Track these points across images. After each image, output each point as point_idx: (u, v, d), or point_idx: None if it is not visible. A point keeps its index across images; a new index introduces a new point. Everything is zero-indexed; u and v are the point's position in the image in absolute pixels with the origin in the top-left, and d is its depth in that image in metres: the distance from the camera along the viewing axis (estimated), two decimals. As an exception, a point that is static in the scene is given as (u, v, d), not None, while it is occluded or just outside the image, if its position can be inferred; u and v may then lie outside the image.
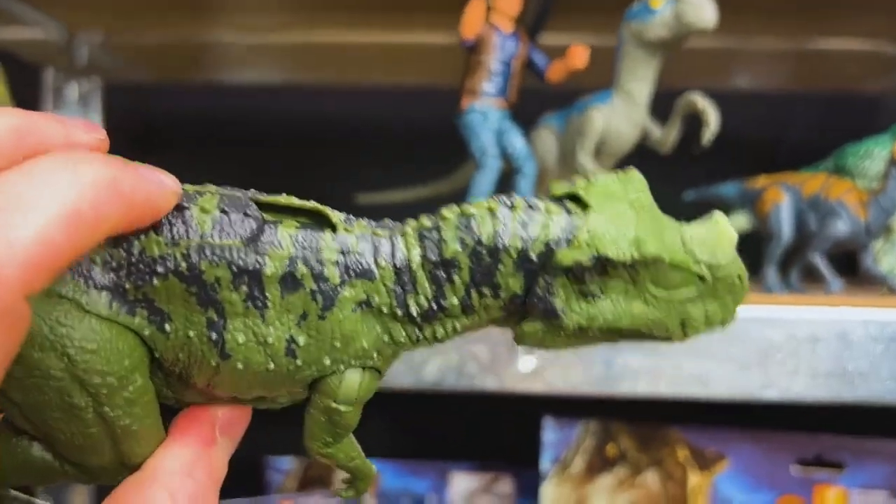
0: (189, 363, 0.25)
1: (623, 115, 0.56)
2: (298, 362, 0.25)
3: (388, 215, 0.29)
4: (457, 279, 0.26)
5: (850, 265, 0.58)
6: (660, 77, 0.56)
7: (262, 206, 0.26)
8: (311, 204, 0.26)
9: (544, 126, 0.62)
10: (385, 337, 0.26)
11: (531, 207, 0.26)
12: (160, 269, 0.24)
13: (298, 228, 0.25)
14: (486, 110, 0.56)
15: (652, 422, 0.70)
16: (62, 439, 0.24)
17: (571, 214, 0.26)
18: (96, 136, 0.23)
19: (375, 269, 0.26)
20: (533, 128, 0.63)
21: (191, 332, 0.25)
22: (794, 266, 0.57)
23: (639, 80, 0.55)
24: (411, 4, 0.67)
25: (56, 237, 0.19)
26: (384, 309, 0.26)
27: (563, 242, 0.25)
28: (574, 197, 0.26)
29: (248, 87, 0.93)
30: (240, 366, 0.25)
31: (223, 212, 0.25)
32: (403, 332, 0.26)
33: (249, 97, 0.94)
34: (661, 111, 0.59)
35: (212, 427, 0.27)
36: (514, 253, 0.25)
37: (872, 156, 0.60)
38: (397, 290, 0.26)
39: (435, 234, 0.26)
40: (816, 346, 0.50)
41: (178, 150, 0.92)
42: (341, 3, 0.70)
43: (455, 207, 0.26)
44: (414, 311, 0.26)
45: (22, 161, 0.21)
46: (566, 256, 0.25)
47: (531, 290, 0.26)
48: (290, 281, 0.25)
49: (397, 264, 0.26)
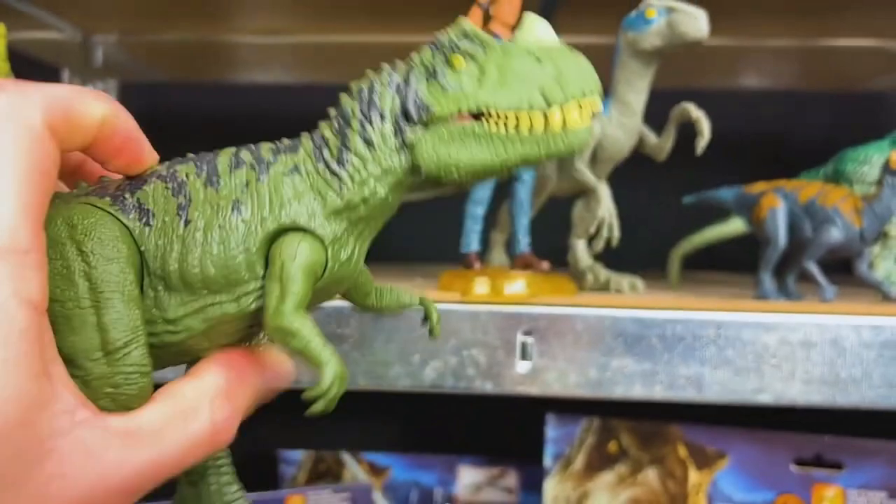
0: (164, 247, 0.30)
1: (619, 124, 0.57)
2: (244, 218, 0.30)
3: (394, 214, 0.33)
4: (353, 122, 0.31)
5: (846, 270, 0.58)
6: (668, 76, 0.57)
7: None
8: None
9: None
10: (315, 195, 0.31)
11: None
12: (150, 178, 0.31)
13: None
14: (485, 119, 0.57)
15: (653, 420, 0.71)
16: (58, 311, 0.29)
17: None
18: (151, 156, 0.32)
19: (300, 145, 0.32)
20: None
21: (166, 218, 0.31)
22: (790, 272, 0.58)
23: (634, 89, 0.56)
24: (419, 4, 0.68)
25: (74, 99, 0.27)
26: (309, 169, 0.31)
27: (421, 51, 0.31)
28: None
29: (261, 86, 0.95)
30: (200, 225, 0.30)
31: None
32: (328, 187, 0.31)
33: (262, 97, 0.95)
34: (668, 111, 0.59)
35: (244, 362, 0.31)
36: (385, 81, 0.31)
37: (871, 162, 0.61)
38: (315, 153, 0.31)
39: (340, 106, 0.32)
40: (810, 352, 0.51)
41: (193, 148, 0.93)
42: (352, 5, 0.71)
43: None
44: (329, 158, 0.31)
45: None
46: (415, 56, 0.31)
47: (406, 100, 0.30)
48: (235, 161, 0.31)
49: (314, 136, 0.32)
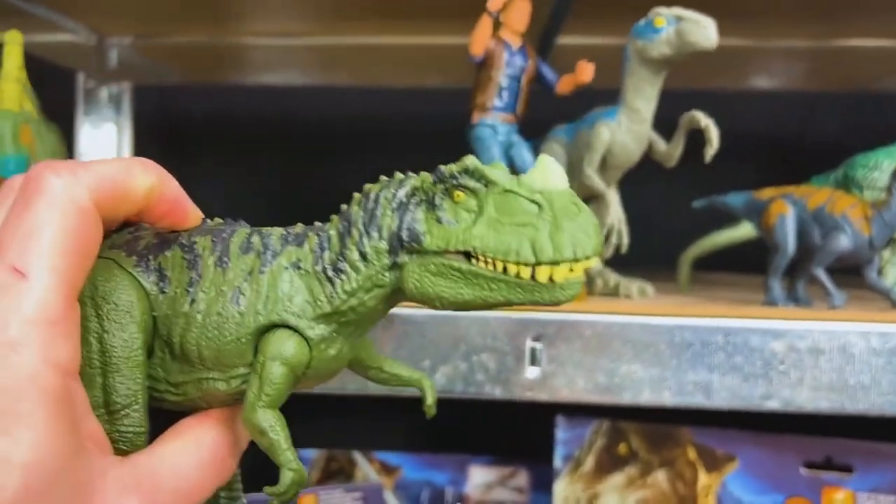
0: (172, 318, 0.32)
1: (629, 131, 0.57)
2: (241, 309, 0.31)
3: None
4: (354, 231, 0.31)
5: (856, 276, 0.58)
6: (679, 77, 0.57)
7: None
8: None
9: (553, 139, 0.63)
10: (308, 296, 0.31)
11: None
12: (172, 244, 0.32)
13: None
14: (494, 124, 0.57)
15: (662, 422, 0.72)
16: None
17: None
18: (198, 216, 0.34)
19: (306, 240, 0.32)
20: (542, 140, 0.64)
21: (178, 289, 0.32)
22: (800, 278, 0.58)
23: (644, 97, 0.56)
24: (431, 7, 0.69)
25: (120, 176, 0.29)
26: (308, 268, 0.31)
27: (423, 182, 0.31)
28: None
29: (274, 89, 0.95)
30: (202, 307, 0.31)
31: (227, 221, 0.34)
32: (321, 290, 0.31)
33: (275, 99, 0.96)
34: (679, 112, 0.59)
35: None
36: (390, 197, 0.31)
37: (881, 167, 0.60)
38: (317, 251, 0.32)
39: (346, 208, 0.32)
40: (819, 359, 0.51)
41: (206, 149, 0.95)
42: (365, 7, 0.71)
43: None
44: (327, 263, 0.31)
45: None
46: (420, 180, 0.31)
47: (402, 224, 0.30)
48: (245, 246, 0.32)
49: (321, 235, 0.32)
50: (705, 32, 0.52)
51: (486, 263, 0.29)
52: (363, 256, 0.31)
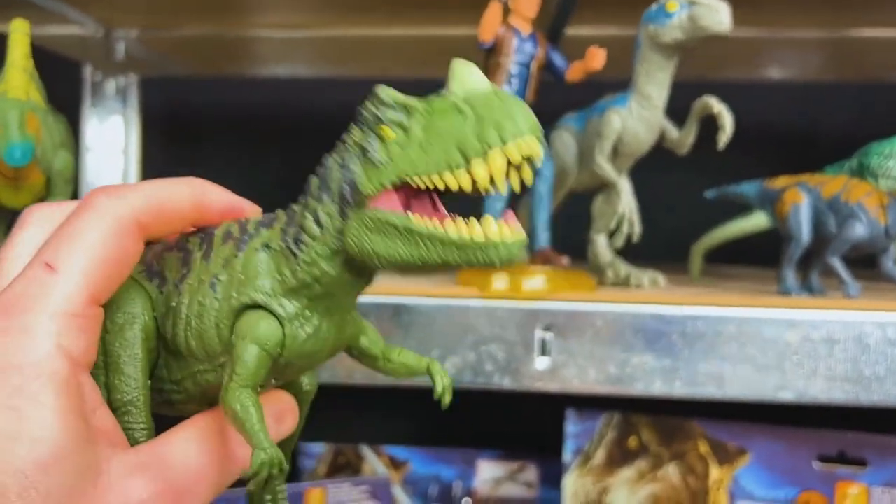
0: (167, 313, 0.32)
1: (640, 118, 0.56)
2: (218, 296, 0.31)
3: None
4: (310, 200, 0.31)
5: (871, 266, 0.57)
6: (693, 67, 0.56)
7: None
8: None
9: (564, 127, 0.62)
10: (276, 273, 0.31)
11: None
12: (174, 246, 0.33)
13: None
14: (504, 112, 0.56)
15: (674, 415, 0.71)
16: None
17: None
18: (255, 209, 0.35)
19: (277, 220, 0.32)
20: (552, 127, 0.63)
21: (171, 286, 0.32)
22: (814, 268, 0.57)
23: (655, 83, 0.56)
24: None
25: (165, 196, 0.31)
26: (275, 246, 0.31)
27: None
28: None
29: (281, 81, 0.95)
30: (185, 299, 0.32)
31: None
32: (286, 265, 0.31)
33: (283, 91, 0.95)
34: (692, 103, 0.59)
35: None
36: (337, 158, 0.30)
37: (896, 155, 0.59)
38: (285, 228, 0.31)
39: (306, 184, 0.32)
40: (833, 349, 0.50)
41: (213, 142, 0.94)
42: (371, -2, 0.71)
43: None
44: (290, 237, 0.31)
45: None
46: (352, 131, 0.30)
47: (346, 177, 0.30)
48: (226, 236, 0.32)
49: (288, 211, 0.32)
50: (718, 17, 0.51)
51: (421, 220, 0.28)
52: (318, 223, 0.30)
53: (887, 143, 0.60)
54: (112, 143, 0.89)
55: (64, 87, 0.86)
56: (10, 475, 0.26)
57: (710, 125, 0.58)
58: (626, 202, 0.58)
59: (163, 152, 0.92)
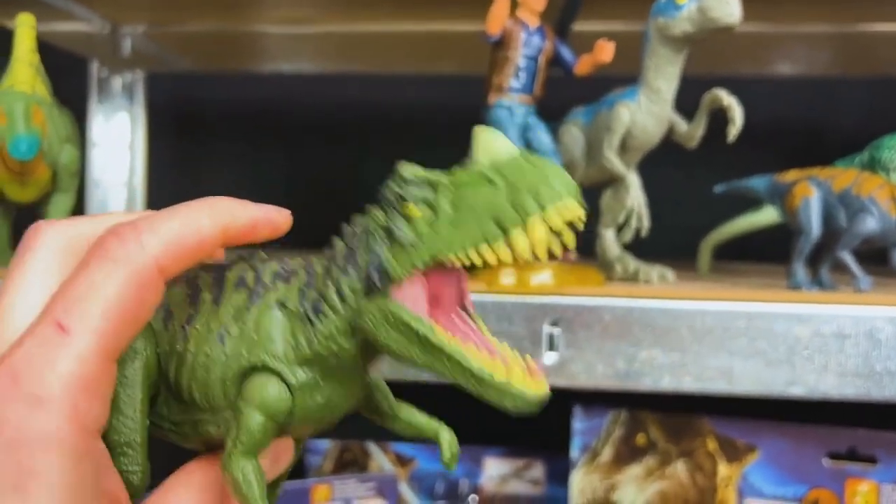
0: (169, 355, 0.31)
1: (649, 112, 0.56)
2: (226, 350, 0.29)
3: None
4: (334, 268, 0.29)
5: (883, 261, 0.57)
6: (702, 63, 0.55)
7: None
8: None
9: (572, 121, 0.62)
10: (291, 338, 0.29)
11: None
12: (181, 279, 0.31)
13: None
14: (511, 106, 0.56)
15: (682, 412, 0.70)
16: None
17: None
18: (284, 214, 0.31)
19: (295, 276, 0.30)
20: (560, 121, 0.63)
21: (176, 325, 0.30)
22: (824, 262, 0.56)
23: (664, 76, 0.55)
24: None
25: (186, 237, 0.28)
26: (292, 307, 0.29)
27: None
28: None
29: (288, 76, 0.95)
30: (191, 348, 0.30)
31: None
32: (303, 332, 0.29)
33: (288, 86, 0.95)
34: (701, 98, 0.58)
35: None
36: (367, 230, 0.28)
37: (908, 149, 0.59)
38: (304, 289, 0.29)
39: (331, 246, 0.30)
40: (844, 344, 0.50)
41: (220, 138, 0.94)
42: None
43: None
44: (309, 302, 0.29)
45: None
46: (372, 212, 0.28)
47: (371, 265, 0.28)
48: (240, 282, 0.30)
49: (309, 270, 0.30)
50: (728, 8, 0.51)
51: (445, 337, 0.27)
52: (341, 297, 0.28)
53: (898, 136, 0.60)
54: (118, 140, 0.89)
55: (70, 84, 0.86)
56: None
57: (719, 120, 0.57)
58: (635, 196, 0.58)
59: (169, 148, 0.92)
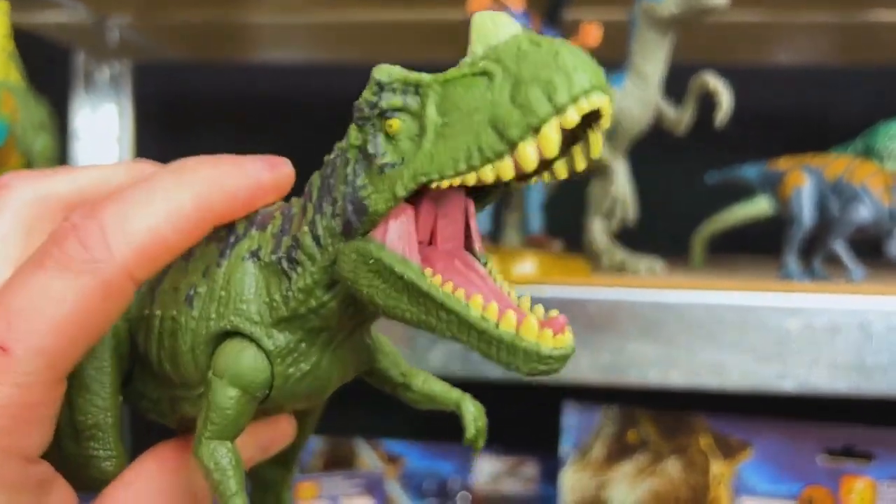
0: (139, 319, 0.26)
1: (635, 97, 0.55)
2: (194, 313, 0.25)
3: None
4: (309, 206, 0.24)
5: (877, 252, 0.55)
6: (702, 52, 0.54)
7: None
8: None
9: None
10: (265, 295, 0.24)
11: None
12: None
13: None
14: (494, 92, 0.55)
15: (674, 408, 0.69)
16: None
17: None
18: (281, 172, 0.26)
19: (270, 221, 0.25)
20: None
21: (144, 288, 0.26)
22: (817, 253, 0.55)
23: (651, 60, 0.54)
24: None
25: (163, 231, 0.23)
26: (265, 257, 0.25)
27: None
28: None
29: (278, 66, 0.93)
30: (157, 312, 0.26)
31: None
32: (278, 287, 0.24)
33: (278, 77, 0.94)
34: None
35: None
36: (340, 162, 0.24)
37: (904, 136, 0.57)
38: (278, 235, 0.25)
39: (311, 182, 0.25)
40: (836, 337, 0.48)
41: (209, 129, 0.93)
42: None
43: None
44: (283, 251, 0.24)
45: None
46: (348, 133, 0.24)
47: (347, 197, 0.23)
48: (210, 233, 0.25)
49: (285, 212, 0.25)
50: (715, -10, 0.49)
51: (442, 287, 0.21)
52: (317, 241, 0.23)
53: (894, 123, 0.58)
54: (105, 132, 0.87)
55: (56, 75, 0.85)
56: None
57: (715, 110, 0.56)
58: (621, 185, 0.56)
59: (157, 140, 0.90)
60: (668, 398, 0.67)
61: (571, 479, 0.69)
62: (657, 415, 0.69)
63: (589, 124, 0.20)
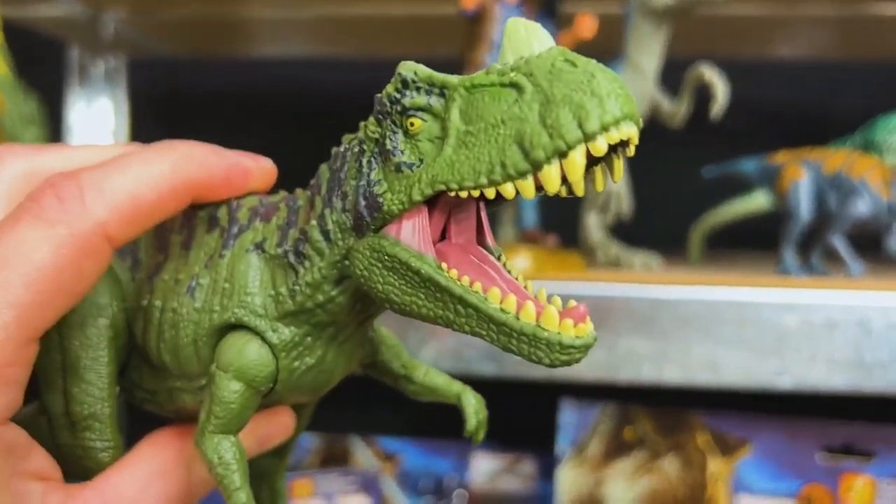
0: (135, 313, 0.26)
1: (631, 89, 0.54)
2: (196, 304, 0.25)
3: None
4: (317, 200, 0.24)
5: (876, 248, 0.54)
6: (705, 47, 0.53)
7: None
8: None
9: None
10: (271, 288, 0.24)
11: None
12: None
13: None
14: (487, 84, 0.54)
15: (671, 405, 0.68)
16: (42, 364, 0.25)
17: None
18: (264, 162, 0.27)
19: (275, 213, 0.25)
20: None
21: (143, 275, 0.26)
22: (815, 248, 0.54)
23: (647, 52, 0.53)
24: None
25: (141, 194, 0.23)
26: (271, 249, 0.24)
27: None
28: None
29: (272, 60, 0.93)
30: (158, 303, 0.25)
31: None
32: (284, 280, 0.24)
33: (275, 71, 0.93)
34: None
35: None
36: (352, 154, 0.23)
37: (903, 130, 0.56)
38: (284, 227, 0.25)
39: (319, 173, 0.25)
40: (834, 333, 0.47)
41: (204, 124, 0.92)
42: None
43: None
44: (290, 244, 0.24)
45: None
46: (364, 126, 0.23)
47: (358, 193, 0.22)
48: (211, 221, 0.25)
49: (290, 206, 0.25)
50: (710, -20, 0.49)
51: (458, 281, 0.21)
52: (325, 235, 0.23)
53: (894, 117, 0.57)
54: (100, 127, 0.87)
55: (50, 69, 0.85)
56: None
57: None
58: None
59: (152, 136, 0.89)
60: (666, 395, 0.66)
61: (568, 477, 0.68)
62: (654, 412, 0.68)
63: (614, 148, 0.20)
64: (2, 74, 0.57)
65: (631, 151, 0.20)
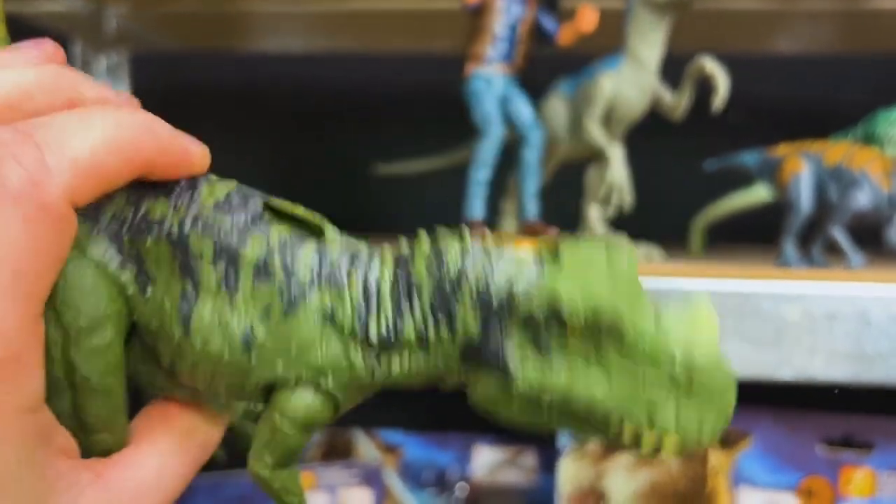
0: (158, 333, 0.25)
1: (632, 81, 0.54)
2: (252, 360, 0.25)
3: (410, 185, 0.27)
4: (417, 306, 0.24)
5: (877, 240, 0.55)
6: (706, 41, 0.53)
7: (272, 209, 0.26)
8: (316, 218, 0.26)
9: (555, 93, 0.60)
10: (342, 358, 0.25)
11: (504, 253, 0.25)
12: (156, 229, 0.25)
13: (290, 230, 0.26)
14: (490, 76, 0.54)
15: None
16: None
17: (542, 267, 0.24)
18: (204, 152, 0.26)
19: (346, 281, 0.25)
20: (544, 95, 0.61)
21: (166, 300, 0.25)
22: (816, 240, 0.54)
23: (648, 44, 0.53)
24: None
25: (102, 156, 0.23)
26: (346, 326, 0.25)
27: (524, 292, 0.24)
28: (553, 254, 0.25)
29: (277, 56, 0.93)
30: (198, 345, 0.25)
31: (228, 196, 0.25)
32: (361, 358, 0.25)
33: (277, 66, 0.94)
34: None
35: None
36: (474, 288, 0.24)
37: (905, 122, 0.57)
38: (361, 308, 0.25)
39: (407, 260, 0.25)
40: (834, 325, 0.47)
41: (208, 120, 0.92)
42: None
43: (431, 236, 0.26)
44: (373, 333, 0.25)
45: (61, 104, 0.24)
46: (521, 304, 0.23)
47: (487, 337, 0.24)
48: (263, 270, 0.25)
49: (368, 280, 0.25)
50: (711, -28, 0.49)
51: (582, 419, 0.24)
52: (421, 341, 0.24)
53: (895, 110, 0.58)
54: (103, 121, 0.87)
55: (53, 64, 0.85)
56: None
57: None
58: (618, 170, 0.56)
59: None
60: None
61: (569, 470, 0.69)
62: (656, 405, 0.69)
63: None
64: (6, 67, 0.57)
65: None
